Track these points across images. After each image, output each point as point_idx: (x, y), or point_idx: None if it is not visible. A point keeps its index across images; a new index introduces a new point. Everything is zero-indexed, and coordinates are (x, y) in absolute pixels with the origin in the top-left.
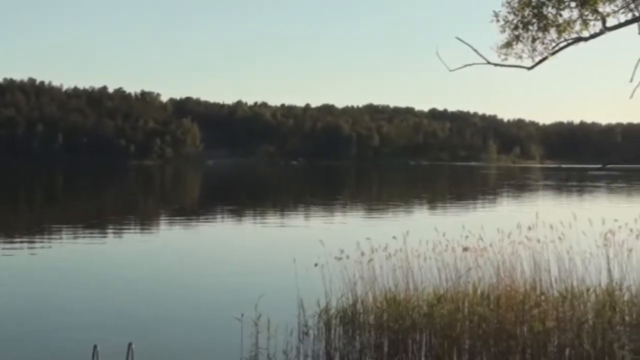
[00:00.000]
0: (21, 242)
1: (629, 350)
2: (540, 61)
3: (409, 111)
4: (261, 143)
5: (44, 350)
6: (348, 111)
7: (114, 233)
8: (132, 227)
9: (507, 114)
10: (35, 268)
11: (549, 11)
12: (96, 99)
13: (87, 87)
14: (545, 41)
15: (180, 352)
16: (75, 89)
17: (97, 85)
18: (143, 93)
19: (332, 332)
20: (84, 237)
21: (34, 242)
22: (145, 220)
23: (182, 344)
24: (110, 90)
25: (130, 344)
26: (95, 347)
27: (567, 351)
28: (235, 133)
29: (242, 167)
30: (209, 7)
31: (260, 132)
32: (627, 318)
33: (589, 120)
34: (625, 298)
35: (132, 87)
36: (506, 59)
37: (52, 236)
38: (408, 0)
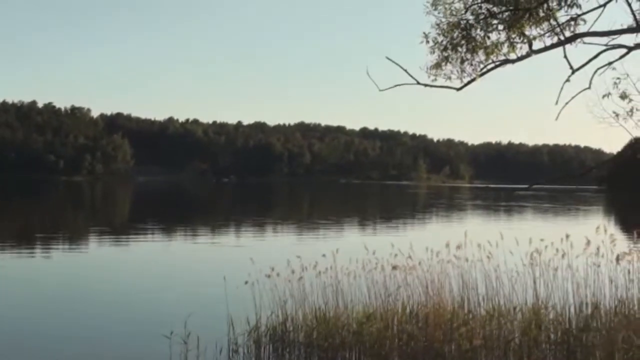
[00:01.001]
0: None
1: None
2: (469, 82)
3: (340, 130)
4: (193, 160)
5: None
6: (280, 129)
7: (41, 250)
8: (59, 244)
9: (437, 134)
10: None
11: (477, 33)
12: (25, 113)
13: (15, 101)
14: (474, 62)
15: None
16: (4, 103)
17: (26, 99)
18: (73, 108)
19: (262, 350)
20: (8, 253)
21: None
22: (73, 237)
23: None
24: (40, 105)
25: None
26: None
27: None
28: (166, 150)
29: (174, 184)
30: (141, 21)
31: (192, 149)
32: (552, 336)
33: (516, 141)
34: (551, 316)
35: (62, 102)
36: (435, 79)
37: None
38: (342, 21)
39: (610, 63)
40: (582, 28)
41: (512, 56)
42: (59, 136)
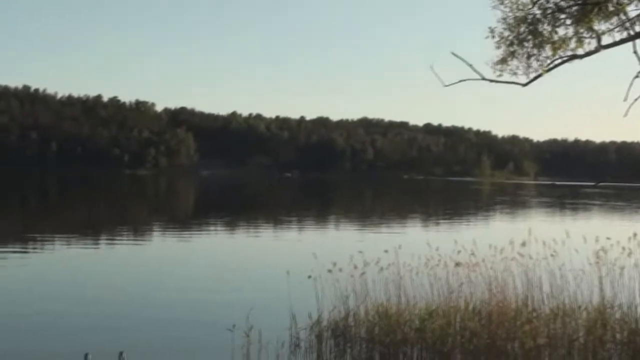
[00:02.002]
0: (12, 251)
1: None
2: (535, 78)
3: (404, 125)
4: (255, 155)
5: (32, 359)
6: (342, 124)
7: (106, 243)
8: (124, 237)
9: (501, 130)
10: (25, 276)
11: (545, 28)
12: (90, 107)
13: (81, 95)
14: (540, 58)
15: (174, 358)
16: (70, 97)
17: (92, 94)
18: (138, 102)
19: (324, 344)
20: (75, 246)
21: (25, 250)
22: (138, 230)
23: (173, 353)
24: (105, 99)
25: (121, 353)
26: (86, 355)
27: None
28: (229, 144)
29: (237, 179)
30: (206, 18)
31: (255, 143)
32: (618, 336)
33: (583, 137)
34: (617, 316)
35: (127, 97)
36: (501, 75)
37: (44, 245)
38: (406, 15)
39: None
40: None
41: (580, 51)
42: (124, 130)
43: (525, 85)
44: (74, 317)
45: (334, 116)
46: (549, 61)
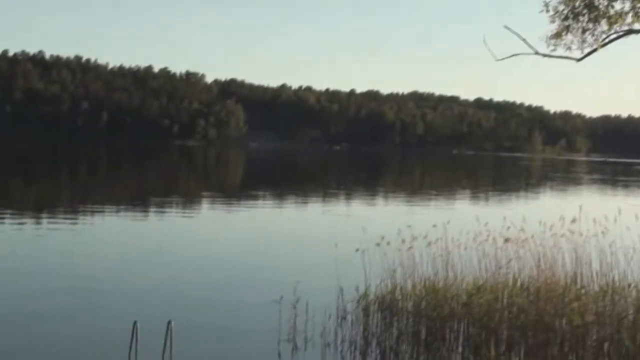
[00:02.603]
0: (63, 219)
1: None
2: (590, 53)
3: (454, 100)
4: (305, 127)
5: (84, 326)
6: (393, 98)
7: (156, 212)
8: (173, 207)
9: (553, 106)
10: (76, 245)
11: (601, 2)
12: (141, 78)
13: (132, 66)
14: (596, 32)
15: (218, 331)
16: (121, 68)
17: (143, 64)
18: (188, 73)
19: (370, 317)
20: (125, 215)
21: (76, 219)
22: (187, 201)
23: (220, 323)
24: (156, 69)
25: (169, 322)
26: (135, 323)
27: (605, 346)
28: (279, 116)
29: (285, 151)
30: None
31: (304, 116)
32: None
33: (637, 114)
34: None
35: (177, 68)
36: (555, 49)
37: (94, 214)
38: None
39: None
40: None
41: (637, 26)
42: (174, 101)
43: (579, 60)
44: (123, 285)
45: (385, 89)
46: (604, 36)
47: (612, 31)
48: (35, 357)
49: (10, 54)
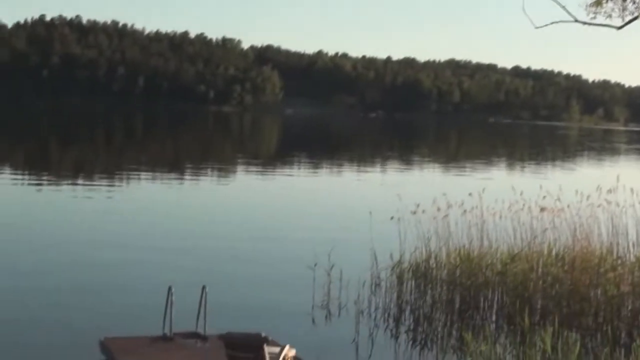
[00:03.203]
0: (99, 183)
1: None
2: (631, 21)
3: (492, 68)
4: (340, 94)
5: (119, 291)
6: (429, 65)
7: (191, 178)
8: (208, 173)
9: (592, 75)
10: (112, 208)
11: None
12: (177, 44)
13: (168, 31)
14: (637, 0)
15: (253, 297)
16: (157, 33)
17: (179, 29)
18: (224, 39)
19: (404, 285)
20: (160, 180)
21: (112, 184)
22: (223, 166)
23: (255, 289)
24: (192, 35)
25: (204, 287)
26: (170, 288)
27: None
28: (314, 83)
29: (321, 117)
30: None
31: (340, 83)
32: None
33: None
34: None
35: (214, 33)
36: (595, 17)
37: (130, 179)
38: None
39: None
40: None
41: None
42: (210, 67)
43: (619, 28)
44: (158, 250)
45: (421, 57)
46: None
47: None
48: (71, 319)
49: (48, 18)
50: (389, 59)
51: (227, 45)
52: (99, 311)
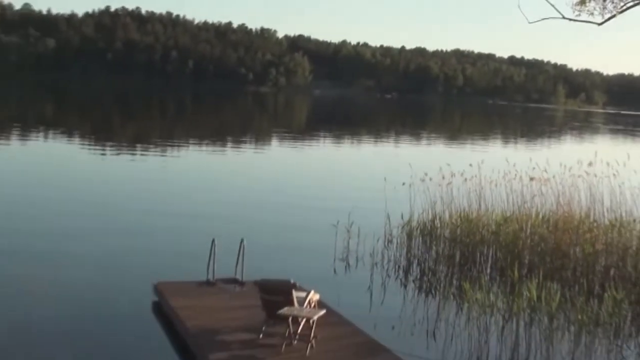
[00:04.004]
0: (154, 151)
1: None
2: (609, 18)
3: (491, 57)
4: (361, 78)
5: (170, 242)
6: (437, 54)
7: (232, 147)
8: (247, 143)
9: (576, 64)
10: (165, 171)
11: None
12: (222, 32)
13: (215, 21)
14: (615, 0)
15: (283, 249)
16: (205, 23)
17: (224, 20)
18: (262, 29)
19: (413, 241)
20: (206, 148)
21: (164, 150)
22: (259, 138)
23: (285, 243)
24: (235, 25)
25: (242, 240)
26: (213, 240)
27: (612, 271)
28: (339, 68)
29: (344, 98)
30: None
31: (361, 68)
32: None
33: None
34: None
35: (253, 24)
36: (579, 14)
37: (180, 146)
38: None
39: None
40: None
41: None
42: (249, 53)
43: (600, 24)
44: (203, 207)
45: (430, 47)
46: (622, 3)
47: (630, 0)
48: (131, 266)
49: (112, 9)
50: (402, 48)
51: (265, 35)
52: (153, 260)
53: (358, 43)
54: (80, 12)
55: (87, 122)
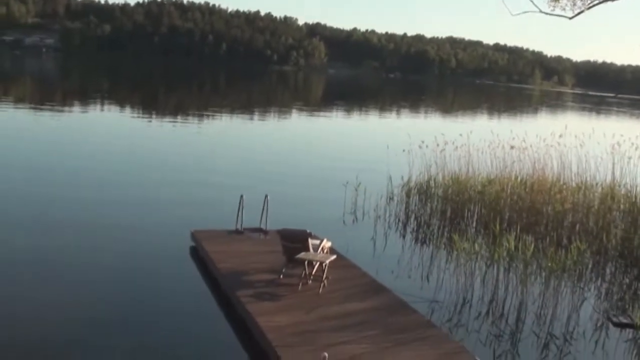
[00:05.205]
0: (192, 120)
1: (621, 229)
2: (579, 13)
3: (479, 44)
4: (368, 60)
5: (205, 196)
6: (434, 40)
7: (258, 117)
8: (272, 113)
9: (550, 51)
10: (200, 137)
11: None
12: (251, 19)
13: (245, 10)
14: None
15: (301, 204)
16: (237, 11)
17: (253, 9)
18: (286, 17)
19: (411, 199)
20: (236, 118)
21: (200, 120)
22: (282, 109)
23: (303, 198)
24: (262, 13)
25: (266, 196)
26: (241, 196)
27: (577, 226)
28: (350, 51)
29: (354, 77)
30: None
31: (369, 51)
32: (622, 206)
33: (608, 60)
34: (622, 192)
35: (278, 12)
36: (554, 9)
37: (214, 117)
38: None
39: None
40: None
41: None
42: (274, 37)
43: (571, 18)
44: (232, 167)
45: (428, 34)
46: (589, 1)
47: None
48: (172, 216)
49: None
50: (404, 35)
51: (287, 22)
52: (191, 211)
53: (366, 30)
54: (132, 2)
55: (138, 94)
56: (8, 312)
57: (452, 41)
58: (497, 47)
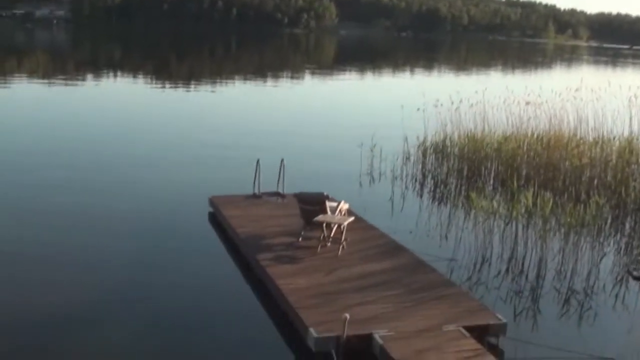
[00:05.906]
0: (204, 85)
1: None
2: None
3: None
4: (380, 19)
5: (223, 161)
6: None
7: (271, 80)
8: (284, 77)
9: (563, 4)
10: (214, 102)
11: None
12: None
13: None
14: None
15: (317, 167)
16: None
17: None
18: None
19: (427, 158)
20: (250, 81)
21: (214, 85)
22: (294, 72)
23: (319, 161)
24: None
25: (282, 160)
26: (258, 161)
27: (595, 181)
28: (361, 11)
29: (366, 37)
30: None
31: (380, 10)
32: None
33: (622, 12)
34: None
35: None
36: None
37: (227, 82)
38: None
39: None
40: None
41: None
42: (284, 0)
43: None
44: (249, 132)
45: None
46: None
47: None
48: (189, 182)
49: None
50: None
51: None
52: (208, 177)
53: None
54: None
55: (150, 61)
56: (31, 275)
57: None
58: (509, 2)
